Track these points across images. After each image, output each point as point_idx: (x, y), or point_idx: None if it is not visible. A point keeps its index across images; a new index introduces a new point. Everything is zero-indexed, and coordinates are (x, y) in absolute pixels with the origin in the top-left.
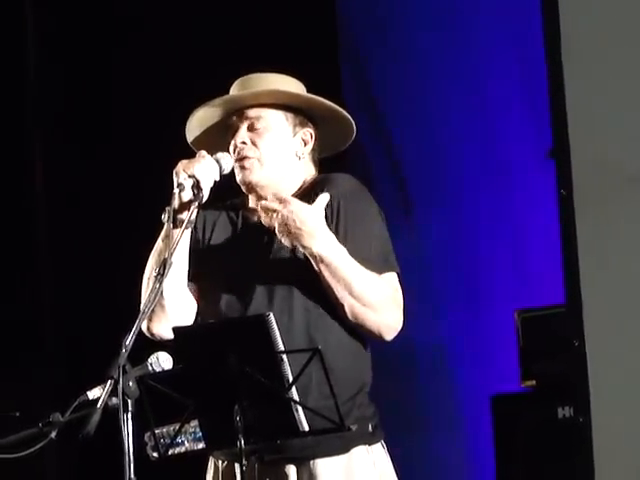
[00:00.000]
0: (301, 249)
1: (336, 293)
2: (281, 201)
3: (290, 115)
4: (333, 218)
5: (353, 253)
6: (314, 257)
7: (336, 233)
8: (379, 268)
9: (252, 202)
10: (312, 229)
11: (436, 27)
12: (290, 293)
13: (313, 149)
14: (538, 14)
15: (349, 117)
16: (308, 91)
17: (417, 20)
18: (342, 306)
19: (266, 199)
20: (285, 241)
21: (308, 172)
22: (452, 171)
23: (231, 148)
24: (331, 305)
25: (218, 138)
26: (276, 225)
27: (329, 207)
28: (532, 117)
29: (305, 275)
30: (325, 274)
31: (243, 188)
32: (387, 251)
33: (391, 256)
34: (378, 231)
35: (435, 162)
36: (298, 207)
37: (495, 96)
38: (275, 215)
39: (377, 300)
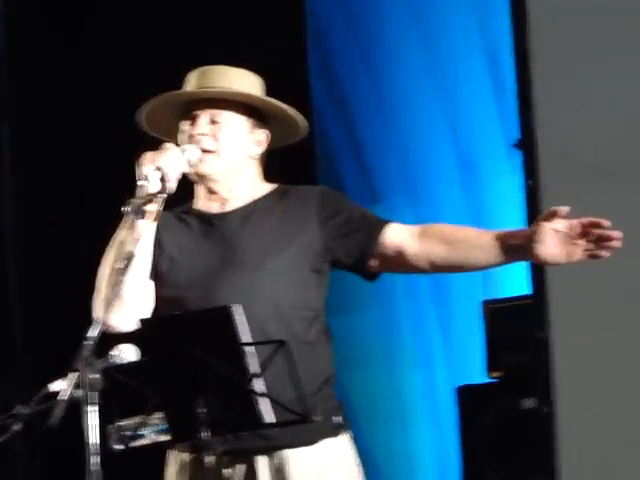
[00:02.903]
0: None
1: None
2: None
3: (247, 114)
4: (324, 206)
5: (359, 217)
6: None
7: (334, 213)
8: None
9: (201, 197)
10: None
11: (404, 22)
12: (251, 284)
13: (264, 150)
14: (506, 7)
15: (303, 119)
16: (274, 85)
17: (386, 13)
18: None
19: (216, 193)
20: None
21: (258, 172)
22: (418, 161)
23: (186, 137)
24: (297, 295)
25: (172, 124)
26: None
27: (313, 199)
28: (498, 108)
29: (268, 264)
30: None
31: (195, 178)
32: None
33: None
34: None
35: (401, 152)
36: None
37: (462, 87)
38: None
39: None
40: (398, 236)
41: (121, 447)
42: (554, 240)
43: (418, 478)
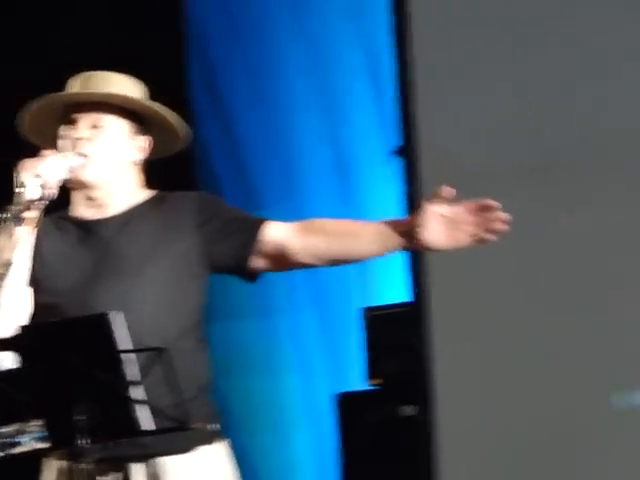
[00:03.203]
0: None
1: None
2: None
3: (130, 120)
4: (201, 210)
5: (236, 220)
6: None
7: (211, 217)
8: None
9: (80, 203)
10: None
11: (285, 24)
12: (129, 291)
13: (146, 156)
14: (387, 13)
15: (184, 125)
16: (153, 89)
17: (267, 14)
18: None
19: (95, 199)
20: None
21: (138, 179)
22: (299, 167)
23: (66, 141)
24: (174, 301)
25: (53, 129)
26: None
27: (189, 205)
28: (379, 115)
29: (145, 271)
30: None
31: (74, 184)
32: None
33: None
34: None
35: (283, 159)
36: None
37: (342, 94)
38: None
39: None
40: (279, 233)
41: None
42: (439, 225)
43: None
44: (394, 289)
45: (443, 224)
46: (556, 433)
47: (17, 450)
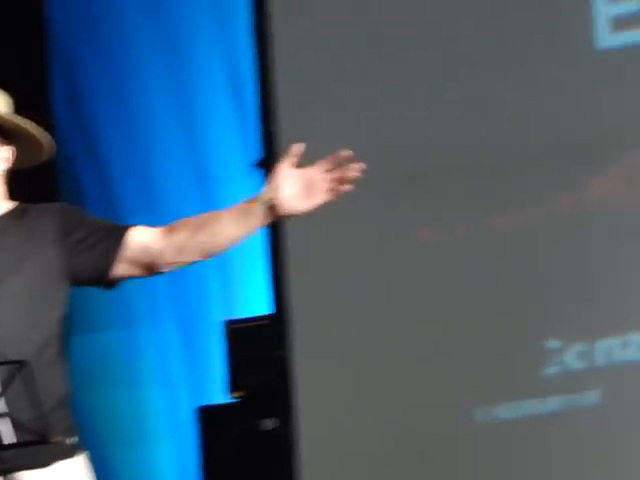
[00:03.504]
0: None
1: None
2: None
3: None
4: (62, 222)
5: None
6: None
7: (74, 228)
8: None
9: None
10: None
11: (147, 37)
12: None
13: (9, 167)
14: (248, 21)
15: (47, 138)
16: (14, 96)
17: (129, 26)
18: None
19: None
20: None
21: (2, 190)
22: (160, 177)
23: None
24: (33, 316)
25: None
26: None
27: (50, 216)
28: (240, 125)
29: (4, 285)
30: None
31: None
32: None
33: None
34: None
35: (143, 169)
36: None
37: (203, 103)
38: None
39: None
40: (143, 236)
41: None
42: (294, 187)
43: None
44: (256, 302)
45: (299, 186)
46: (421, 445)
47: None
